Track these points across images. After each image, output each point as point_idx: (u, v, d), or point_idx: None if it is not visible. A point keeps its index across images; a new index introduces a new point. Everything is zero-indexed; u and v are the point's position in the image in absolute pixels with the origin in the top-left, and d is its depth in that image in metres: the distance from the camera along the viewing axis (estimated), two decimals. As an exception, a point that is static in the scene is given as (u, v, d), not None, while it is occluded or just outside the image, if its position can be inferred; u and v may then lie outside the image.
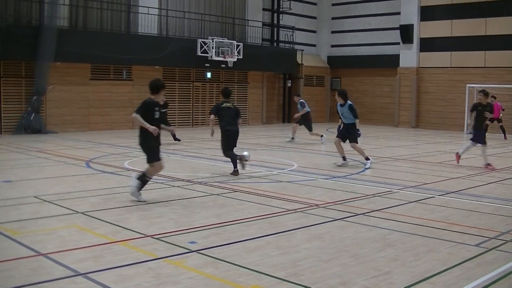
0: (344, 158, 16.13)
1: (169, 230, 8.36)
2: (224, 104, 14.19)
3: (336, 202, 10.77)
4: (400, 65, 34.91)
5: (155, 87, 10.51)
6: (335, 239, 8.10)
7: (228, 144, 13.97)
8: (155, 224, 8.77)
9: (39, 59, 25.23)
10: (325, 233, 8.43)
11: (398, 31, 34.77)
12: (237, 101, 34.33)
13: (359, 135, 16.12)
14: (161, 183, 12.61)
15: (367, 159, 15.94)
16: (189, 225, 8.72)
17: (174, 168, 14.91)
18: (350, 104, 15.85)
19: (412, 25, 34.03)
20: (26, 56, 25.37)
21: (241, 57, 31.80)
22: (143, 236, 8.04)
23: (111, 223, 8.73)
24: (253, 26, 35.40)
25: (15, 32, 24.82)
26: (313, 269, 6.76)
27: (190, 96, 31.67)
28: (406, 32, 34.07)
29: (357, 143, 15.99)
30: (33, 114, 25.45)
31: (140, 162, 16.06)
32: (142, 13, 29.57)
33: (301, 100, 23.34)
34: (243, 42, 33.03)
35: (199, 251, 7.32)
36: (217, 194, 11.27)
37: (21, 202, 10.44)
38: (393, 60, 35.30)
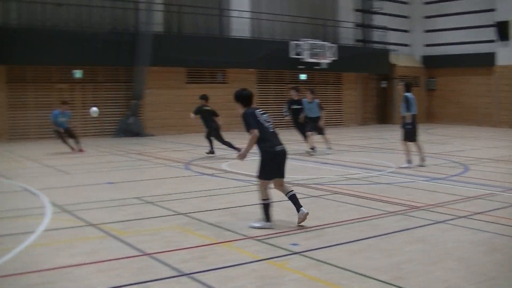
0: (409, 161, 15.74)
1: (271, 232, 8.39)
2: (204, 107, 18.37)
3: (437, 205, 10.54)
4: (498, 63, 33.84)
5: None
6: (438, 242, 7.92)
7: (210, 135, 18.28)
8: (256, 225, 8.82)
9: (137, 64, 25.88)
10: (428, 236, 8.25)
11: (493, 29, 33.72)
12: (332, 102, 34.23)
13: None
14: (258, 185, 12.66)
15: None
16: (290, 227, 8.72)
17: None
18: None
19: (508, 21, 32.87)
20: (124, 62, 26.08)
21: (334, 58, 31.68)
22: (245, 237, 8.10)
23: (213, 224, 8.85)
24: (345, 27, 35.20)
25: (112, 38, 25.57)
26: (417, 272, 6.63)
27: (285, 98, 31.69)
28: (503, 29, 32.94)
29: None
30: (132, 118, 26.12)
31: (239, 164, 16.23)
32: (234, 16, 29.90)
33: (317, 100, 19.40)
34: (336, 43, 32.88)
35: (302, 253, 7.32)
36: (317, 196, 11.23)
37: (124, 203, 10.74)
38: (488, 58, 34.18)
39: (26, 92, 25.44)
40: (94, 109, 18.48)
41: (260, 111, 8.89)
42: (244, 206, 10.30)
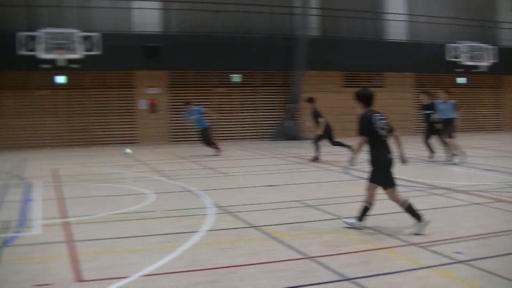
0: None
1: (433, 239, 8.21)
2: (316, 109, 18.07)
3: None
4: None
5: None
6: None
7: None
8: (418, 232, 8.69)
9: (294, 68, 26.24)
10: None
11: None
12: (490, 106, 33.06)
13: None
14: (421, 190, 12.46)
15: None
16: (453, 234, 8.51)
17: (433, 176, 14.69)
18: None
19: None
20: (281, 66, 26.53)
21: (494, 60, 30.56)
22: (407, 244, 8.00)
23: (374, 229, 8.81)
24: (505, 28, 33.82)
25: (269, 43, 26.09)
26: None
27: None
28: None
29: None
30: (289, 122, 26.52)
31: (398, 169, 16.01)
32: (390, 19, 29.58)
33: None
34: (496, 45, 31.68)
35: (466, 262, 7.12)
36: (479, 204, 10.87)
37: (285, 206, 10.94)
38: None
39: (186, 96, 26.43)
40: (128, 150, 19.15)
41: (379, 115, 8.75)
42: (402, 212, 10.15)
